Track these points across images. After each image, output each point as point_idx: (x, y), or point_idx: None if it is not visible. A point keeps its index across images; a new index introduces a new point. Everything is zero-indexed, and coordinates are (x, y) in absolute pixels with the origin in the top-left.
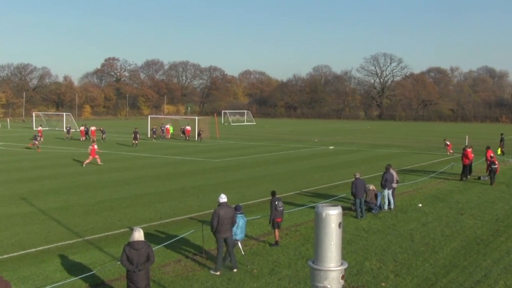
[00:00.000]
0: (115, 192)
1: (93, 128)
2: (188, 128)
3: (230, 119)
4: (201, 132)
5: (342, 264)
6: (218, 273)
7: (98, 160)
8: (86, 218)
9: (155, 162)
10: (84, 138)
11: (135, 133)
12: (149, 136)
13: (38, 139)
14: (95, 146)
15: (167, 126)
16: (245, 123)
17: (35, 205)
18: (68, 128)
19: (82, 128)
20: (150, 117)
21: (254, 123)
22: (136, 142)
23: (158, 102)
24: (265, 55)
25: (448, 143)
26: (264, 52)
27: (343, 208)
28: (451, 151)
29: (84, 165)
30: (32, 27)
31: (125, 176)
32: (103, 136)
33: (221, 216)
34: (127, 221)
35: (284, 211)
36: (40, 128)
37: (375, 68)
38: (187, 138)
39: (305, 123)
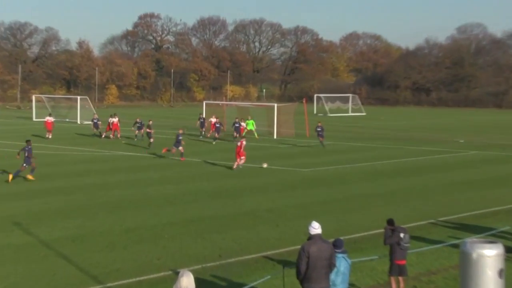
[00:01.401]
0: (153, 215)
1: (114, 119)
2: (243, 124)
3: (326, 107)
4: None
5: None
6: None
7: (240, 161)
8: (110, 254)
9: (210, 171)
10: (112, 135)
11: (202, 121)
12: (202, 132)
13: (48, 135)
14: (244, 143)
15: (242, 123)
16: (350, 114)
17: (34, 233)
18: (95, 120)
19: (114, 119)
20: (206, 104)
21: (364, 113)
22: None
23: (218, 81)
24: (380, 9)
25: None
26: (378, 3)
27: (507, 249)
28: None
29: (235, 168)
30: None
31: (168, 192)
32: (138, 131)
33: (312, 255)
34: (170, 260)
35: (410, 250)
36: (48, 118)
37: None
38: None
39: (443, 114)
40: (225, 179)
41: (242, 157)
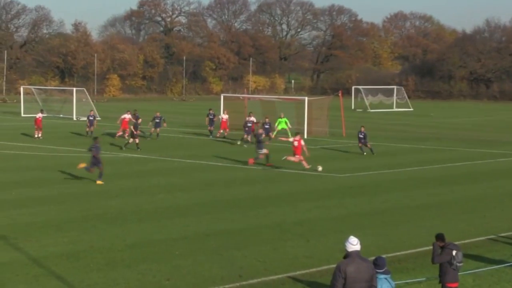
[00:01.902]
0: (160, 228)
1: (127, 116)
2: (252, 119)
3: (366, 102)
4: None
5: None
6: None
7: (305, 163)
8: (110, 273)
9: (227, 178)
10: (120, 133)
11: (211, 117)
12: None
13: (37, 134)
14: (302, 142)
15: (252, 118)
16: (394, 109)
17: (22, 249)
18: (91, 117)
19: (127, 115)
20: (224, 97)
21: (411, 109)
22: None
23: (238, 70)
24: None
25: None
26: None
27: None
28: None
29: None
30: None
31: (178, 201)
32: (154, 129)
33: (349, 276)
34: (182, 281)
35: (463, 271)
36: (39, 115)
37: None
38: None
39: (506, 110)
40: (246, 186)
41: (301, 158)
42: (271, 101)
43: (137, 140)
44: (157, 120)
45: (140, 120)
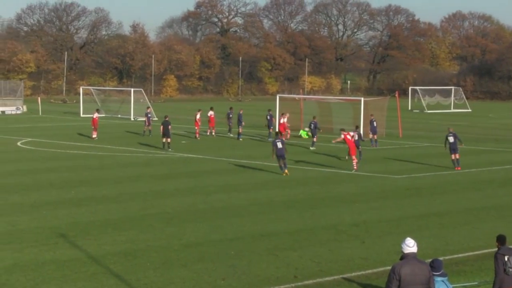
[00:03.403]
0: (216, 228)
1: (211, 113)
2: (284, 121)
3: (423, 102)
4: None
5: None
6: None
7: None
8: (167, 272)
9: (283, 178)
10: (197, 133)
11: (269, 118)
12: (269, 133)
13: (94, 135)
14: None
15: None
16: (452, 110)
17: (81, 247)
18: (149, 115)
19: (198, 114)
20: (280, 97)
21: (469, 110)
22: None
23: (294, 70)
24: None
25: None
26: None
27: None
28: None
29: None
30: None
31: (234, 201)
32: (147, 126)
33: (405, 278)
34: (237, 281)
35: None
36: (96, 115)
37: None
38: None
39: None
40: (302, 186)
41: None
42: (326, 102)
43: (169, 140)
44: (149, 116)
45: (167, 118)
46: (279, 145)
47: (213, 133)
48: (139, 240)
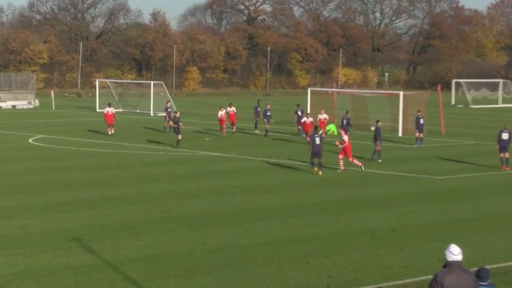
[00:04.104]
0: (243, 232)
1: (231, 109)
2: (309, 120)
3: (468, 97)
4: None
5: None
6: None
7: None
8: (189, 280)
9: (315, 178)
10: (224, 130)
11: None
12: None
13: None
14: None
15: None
16: (499, 105)
17: (97, 252)
18: (169, 109)
19: (222, 112)
20: (311, 91)
21: None
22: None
23: (327, 62)
24: None
25: None
26: None
27: None
28: None
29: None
30: None
31: (262, 203)
32: (167, 122)
33: None
34: None
35: None
36: (108, 110)
37: None
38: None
39: None
40: (335, 188)
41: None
42: (362, 96)
43: (179, 137)
44: (169, 110)
45: (178, 114)
46: (317, 141)
47: (234, 129)
48: (159, 245)
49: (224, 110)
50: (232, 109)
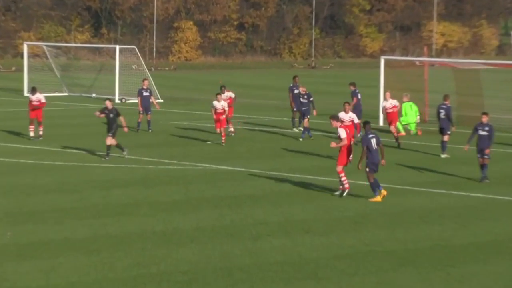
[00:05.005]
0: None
1: (225, 96)
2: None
3: None
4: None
5: None
6: None
7: None
8: None
9: (386, 211)
10: (223, 136)
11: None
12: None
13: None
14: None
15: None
16: None
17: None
18: (145, 92)
19: (220, 103)
20: (386, 61)
21: None
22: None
23: (411, 13)
24: None
25: None
26: None
27: None
28: None
29: None
30: None
31: (296, 249)
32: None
33: None
34: None
35: None
36: (32, 96)
37: None
38: None
39: None
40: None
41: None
42: (472, 70)
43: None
44: (145, 94)
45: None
46: (374, 144)
47: (231, 129)
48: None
49: (222, 101)
50: (227, 95)
